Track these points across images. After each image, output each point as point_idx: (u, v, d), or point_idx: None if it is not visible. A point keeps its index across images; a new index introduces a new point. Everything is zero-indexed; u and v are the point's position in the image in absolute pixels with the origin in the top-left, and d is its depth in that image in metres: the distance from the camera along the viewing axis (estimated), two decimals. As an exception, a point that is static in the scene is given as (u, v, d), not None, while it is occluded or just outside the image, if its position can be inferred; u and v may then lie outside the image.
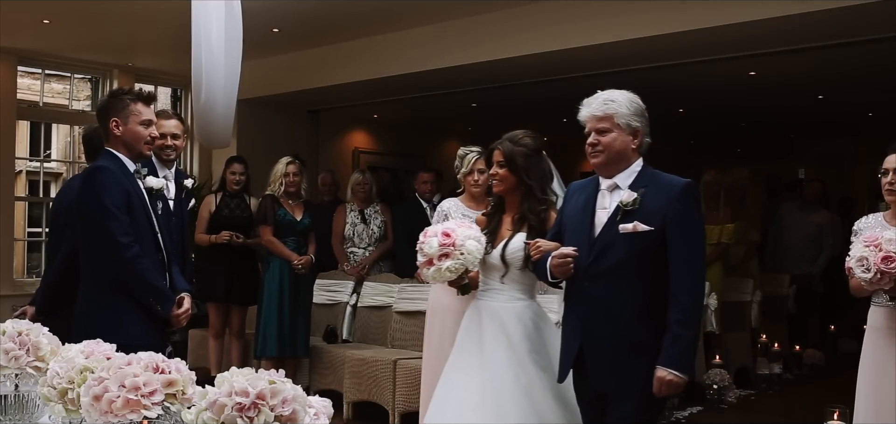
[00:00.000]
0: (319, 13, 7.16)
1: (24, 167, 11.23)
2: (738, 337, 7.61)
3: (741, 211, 7.94)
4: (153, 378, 1.78)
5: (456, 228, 3.57)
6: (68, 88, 10.08)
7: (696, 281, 3.10)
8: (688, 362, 3.07)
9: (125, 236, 3.58)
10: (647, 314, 3.11)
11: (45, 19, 7.40)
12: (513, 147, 3.68)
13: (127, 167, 3.70)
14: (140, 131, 3.70)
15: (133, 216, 3.63)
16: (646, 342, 3.09)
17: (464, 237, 3.51)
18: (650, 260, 3.09)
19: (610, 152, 3.19)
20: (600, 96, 3.24)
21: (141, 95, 3.76)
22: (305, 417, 1.68)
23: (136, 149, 3.72)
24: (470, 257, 3.50)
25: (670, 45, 6.57)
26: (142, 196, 3.71)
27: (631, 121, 3.18)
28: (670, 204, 3.09)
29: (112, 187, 3.61)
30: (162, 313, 3.64)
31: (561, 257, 3.19)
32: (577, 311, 3.26)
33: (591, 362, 3.22)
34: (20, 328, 2.19)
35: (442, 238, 3.52)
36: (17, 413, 2.13)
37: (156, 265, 3.70)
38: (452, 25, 7.32)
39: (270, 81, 8.68)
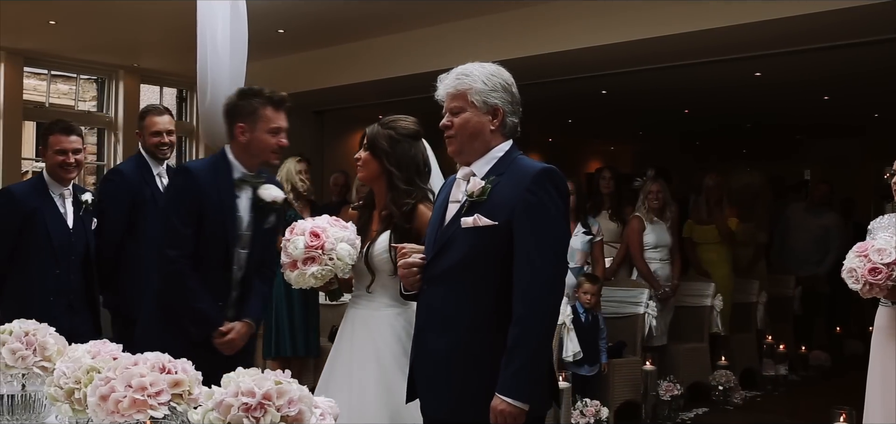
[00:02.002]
0: (325, 14, 7.17)
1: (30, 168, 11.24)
2: (743, 338, 7.61)
3: (751, 213, 7.94)
4: (159, 378, 1.79)
5: (328, 227, 3.07)
6: (74, 88, 10.10)
7: (541, 288, 2.50)
8: (522, 387, 2.46)
9: (174, 248, 3.39)
10: (490, 326, 2.55)
11: (51, 20, 7.42)
12: (378, 129, 3.18)
13: (231, 174, 3.46)
14: (267, 140, 3.45)
15: (203, 229, 3.40)
16: (485, 359, 2.53)
17: (335, 240, 3.05)
18: (497, 261, 2.54)
19: (462, 136, 2.66)
20: (454, 71, 2.70)
21: (272, 99, 3.46)
22: (311, 417, 1.68)
23: (259, 158, 3.49)
24: (340, 264, 3.05)
25: (675, 45, 6.56)
26: (226, 208, 3.43)
27: (488, 97, 2.64)
28: (520, 193, 2.54)
29: (183, 194, 3.43)
30: (194, 335, 3.36)
31: (406, 265, 2.72)
32: (416, 323, 2.78)
33: (422, 381, 2.71)
34: (27, 328, 2.20)
35: (309, 239, 3.04)
36: (23, 412, 2.13)
37: (217, 283, 3.44)
38: (457, 26, 7.33)
39: (275, 81, 8.62)
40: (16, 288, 4.19)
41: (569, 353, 5.44)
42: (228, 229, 3.44)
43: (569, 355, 5.44)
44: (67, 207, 4.29)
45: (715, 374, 6.86)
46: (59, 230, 4.20)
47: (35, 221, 4.18)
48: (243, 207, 3.51)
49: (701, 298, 7.08)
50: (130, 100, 9.45)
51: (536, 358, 2.51)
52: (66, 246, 4.23)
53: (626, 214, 7.20)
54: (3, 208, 4.26)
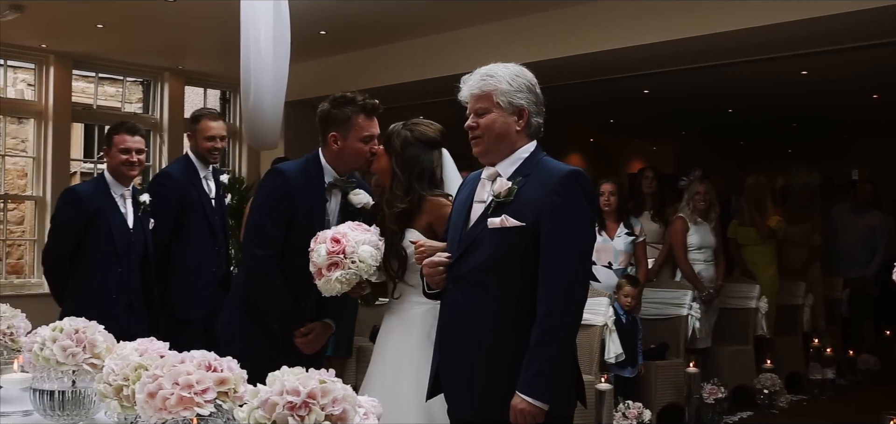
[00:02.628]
0: (366, 15, 7.20)
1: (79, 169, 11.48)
2: (789, 341, 7.49)
3: (806, 215, 7.83)
4: (206, 375, 1.81)
5: (349, 232, 3.08)
6: (121, 90, 10.28)
7: (563, 289, 2.51)
8: (542, 386, 2.48)
9: (263, 248, 3.41)
10: (515, 327, 2.57)
11: (98, 24, 7.56)
12: (398, 128, 3.22)
13: (322, 178, 3.48)
14: (360, 149, 3.43)
15: (292, 230, 3.41)
16: (510, 360, 2.55)
17: (356, 244, 3.05)
18: (522, 262, 2.56)
19: (489, 136, 2.66)
20: (478, 72, 2.70)
21: (365, 106, 3.44)
22: (355, 416, 1.69)
23: (351, 165, 3.51)
24: (363, 266, 3.04)
25: (719, 44, 6.48)
26: (315, 212, 3.45)
27: (513, 98, 2.64)
28: (547, 195, 2.55)
29: (276, 196, 3.45)
30: (277, 332, 3.42)
31: (432, 264, 2.73)
32: (439, 320, 2.81)
33: (448, 381, 2.73)
34: (77, 325, 2.24)
35: (331, 245, 3.05)
36: (73, 408, 2.17)
37: (302, 283, 3.40)
38: (497, 27, 7.32)
39: (317, 82, 8.74)
40: (79, 287, 4.28)
41: (611, 354, 5.40)
42: (316, 231, 3.41)
43: (610, 356, 5.40)
44: (128, 207, 4.37)
45: (760, 377, 6.76)
46: (121, 230, 4.28)
47: (98, 220, 4.26)
48: (332, 211, 3.53)
49: (746, 300, 6.99)
50: (175, 102, 9.59)
51: (558, 358, 2.53)
52: (127, 246, 4.30)
53: (668, 214, 7.13)
54: (69, 208, 4.35)
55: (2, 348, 2.65)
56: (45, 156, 8.79)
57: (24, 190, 9.72)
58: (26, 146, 9.69)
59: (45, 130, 8.79)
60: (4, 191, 9.47)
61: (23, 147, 10.11)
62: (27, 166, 9.38)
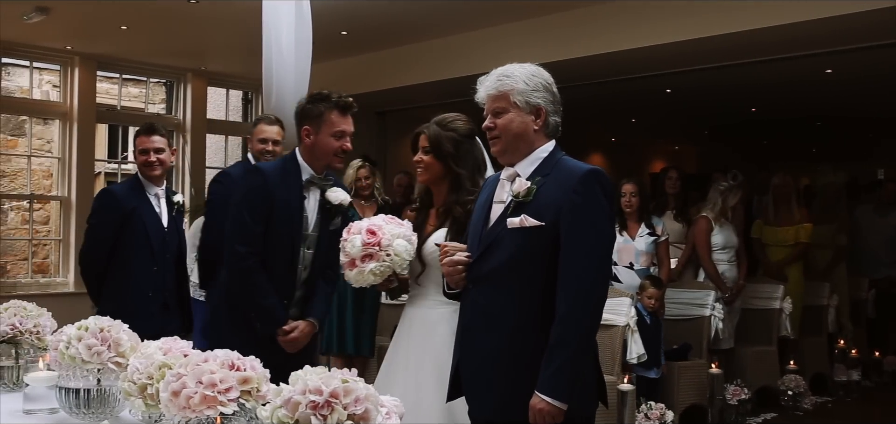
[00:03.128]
0: (388, 15, 7.22)
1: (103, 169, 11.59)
2: (814, 342, 7.42)
3: (832, 215, 7.76)
4: (229, 375, 1.82)
5: (384, 225, 3.10)
6: (144, 91, 10.37)
7: (582, 288, 2.50)
8: (560, 386, 2.47)
9: (244, 244, 3.47)
10: (535, 327, 2.56)
11: (122, 25, 7.63)
12: (440, 131, 3.18)
13: (299, 175, 3.55)
14: (331, 143, 3.53)
15: (270, 227, 3.49)
16: (530, 360, 2.54)
17: (391, 236, 3.06)
18: (542, 262, 2.55)
19: (507, 136, 2.66)
20: (495, 72, 2.71)
21: (338, 104, 3.53)
22: (378, 416, 1.69)
23: (323, 161, 3.56)
24: (397, 259, 3.05)
25: (742, 42, 6.43)
26: (294, 209, 3.53)
27: (530, 97, 2.64)
28: (566, 194, 2.54)
29: (254, 192, 3.52)
30: (259, 330, 3.46)
31: (451, 263, 2.73)
32: (459, 321, 2.80)
33: (468, 382, 2.72)
34: (102, 324, 2.25)
35: (366, 236, 3.06)
36: (99, 406, 2.18)
37: (281, 281, 3.52)
38: (518, 27, 7.31)
39: (339, 82, 8.72)
40: (115, 287, 4.31)
41: (633, 355, 5.37)
42: (295, 228, 3.52)
43: (633, 357, 5.37)
44: (162, 207, 4.41)
45: (784, 378, 6.70)
46: (156, 229, 4.32)
47: (134, 220, 4.30)
48: (311, 208, 3.59)
49: (769, 300, 6.92)
50: (198, 102, 9.66)
51: (577, 358, 2.51)
52: (162, 245, 4.34)
53: (691, 214, 7.09)
54: (105, 208, 4.41)
55: (28, 346, 2.67)
56: (70, 156, 8.88)
57: (49, 190, 9.82)
58: (52, 147, 9.79)
59: (70, 130, 8.89)
60: (30, 191, 9.58)
61: (48, 148, 10.22)
62: (52, 167, 9.47)
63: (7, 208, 10.68)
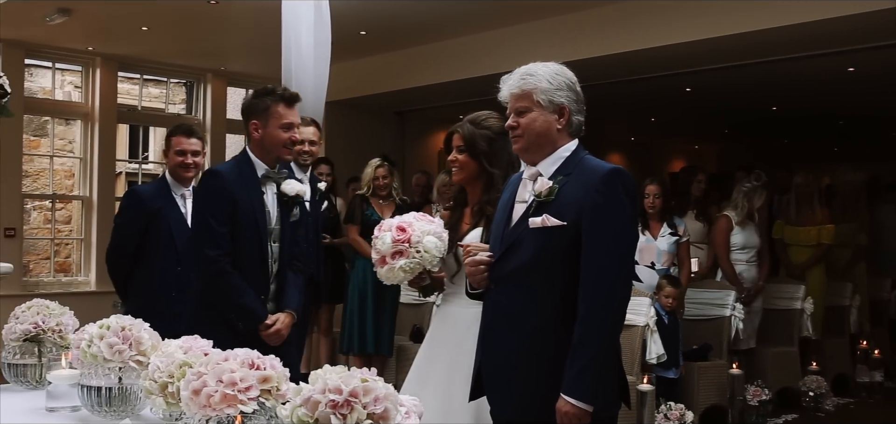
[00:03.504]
0: (406, 15, 7.23)
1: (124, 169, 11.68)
2: (836, 343, 7.35)
3: (852, 214, 7.68)
4: (249, 374, 1.82)
5: (414, 222, 3.09)
6: (164, 92, 10.44)
7: (604, 288, 2.48)
8: (585, 387, 2.45)
9: (214, 248, 3.50)
10: (557, 327, 2.55)
11: (143, 26, 7.68)
12: (474, 130, 3.17)
13: (255, 172, 3.60)
14: (279, 135, 3.56)
15: (236, 226, 3.52)
16: (552, 360, 2.53)
17: (421, 233, 3.05)
18: (564, 262, 2.54)
19: (529, 135, 2.65)
20: (518, 71, 2.70)
21: (284, 96, 3.59)
22: (397, 415, 1.69)
23: (273, 154, 3.60)
24: (427, 256, 3.04)
25: (763, 41, 6.39)
26: (255, 205, 3.56)
27: (553, 96, 2.62)
28: (588, 194, 2.53)
29: (215, 194, 3.55)
30: (242, 329, 3.47)
31: (473, 263, 2.72)
32: (482, 322, 2.78)
33: (490, 382, 2.71)
34: (123, 323, 2.27)
35: (396, 233, 3.05)
36: (120, 404, 2.20)
37: (255, 278, 3.56)
38: (537, 26, 7.29)
39: (358, 83, 8.80)
40: (140, 285, 4.37)
41: (652, 355, 5.35)
42: (260, 224, 3.57)
43: (652, 357, 5.35)
44: (187, 207, 4.44)
45: (805, 379, 6.64)
46: (181, 230, 4.34)
47: (159, 220, 4.34)
48: (270, 202, 3.64)
49: (791, 301, 6.87)
50: (217, 103, 9.72)
51: (601, 359, 2.50)
52: (186, 246, 4.38)
53: (712, 213, 7.04)
54: (131, 208, 4.47)
55: (51, 344, 2.70)
56: (92, 156, 8.96)
57: (71, 190, 9.91)
58: (73, 147, 9.88)
59: (92, 131, 8.97)
60: (53, 191, 9.67)
61: (70, 148, 10.31)
62: (74, 167, 9.56)
63: (30, 208, 10.79)
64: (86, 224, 9.04)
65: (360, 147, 8.21)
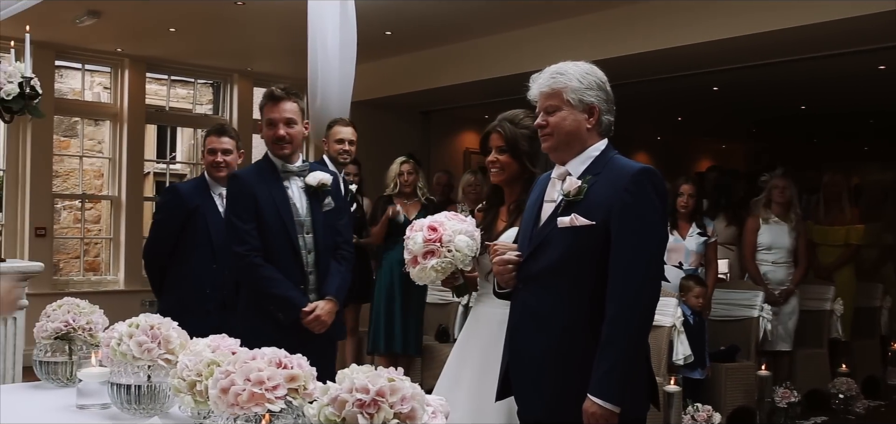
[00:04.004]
0: (431, 15, 7.23)
1: (152, 169, 11.78)
2: (866, 345, 7.25)
3: (879, 213, 7.58)
4: (276, 372, 1.83)
5: (445, 221, 3.05)
6: (192, 92, 10.52)
7: (632, 288, 2.47)
8: (613, 388, 2.44)
9: (241, 244, 3.62)
10: (586, 327, 2.53)
11: (171, 28, 7.75)
12: (515, 130, 3.12)
13: (275, 169, 3.72)
14: (266, 133, 3.73)
15: (261, 222, 3.64)
16: (580, 360, 2.52)
17: (453, 233, 3.01)
18: (592, 262, 2.52)
19: (559, 134, 2.63)
20: (548, 70, 2.67)
21: (268, 94, 3.73)
22: (424, 415, 1.69)
23: (273, 150, 3.73)
24: (459, 255, 3.00)
25: (791, 39, 6.32)
26: (277, 199, 3.67)
27: (584, 96, 2.61)
28: (617, 193, 2.51)
29: (236, 195, 3.69)
30: (283, 320, 3.59)
31: (502, 262, 2.71)
32: (509, 321, 2.78)
33: (517, 382, 2.71)
34: (152, 321, 2.29)
35: (428, 233, 3.03)
36: (149, 402, 2.22)
37: (290, 269, 3.65)
38: (561, 25, 7.27)
39: (383, 82, 8.82)
40: (176, 281, 4.43)
41: (679, 356, 5.31)
42: (284, 217, 3.66)
43: (679, 357, 5.32)
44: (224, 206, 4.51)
45: (835, 381, 6.57)
46: (218, 228, 4.37)
47: (197, 218, 4.41)
48: (296, 196, 3.73)
49: (820, 302, 6.79)
50: (244, 103, 9.78)
51: (629, 359, 2.48)
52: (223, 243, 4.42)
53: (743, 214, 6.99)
54: (170, 205, 4.55)
55: (81, 342, 2.72)
56: (121, 157, 9.06)
57: (100, 190, 10.01)
58: (102, 147, 9.98)
59: (121, 131, 9.06)
60: (82, 191, 9.78)
61: (99, 148, 10.42)
62: (103, 167, 9.66)
63: (60, 208, 10.91)
64: (114, 224, 9.14)
65: (385, 147, 8.22)
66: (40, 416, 2.37)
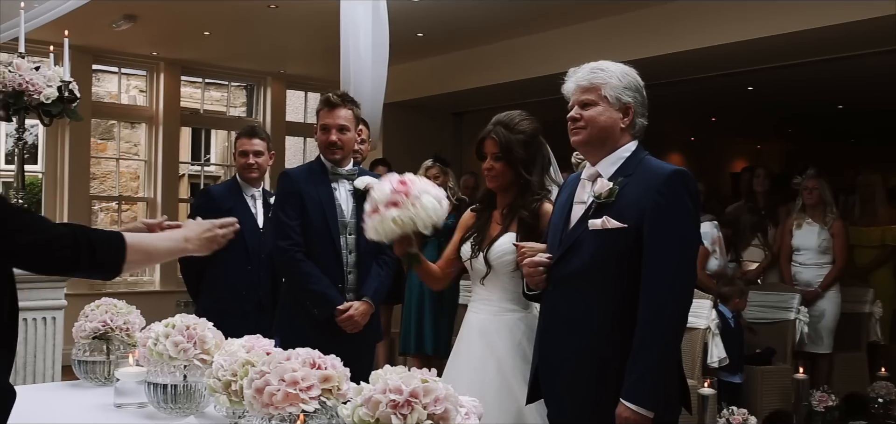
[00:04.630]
0: (464, 16, 7.23)
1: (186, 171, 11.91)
2: (906, 348, 7.12)
3: None
4: (310, 373, 1.84)
5: (416, 179, 2.95)
6: (226, 95, 10.62)
7: (667, 292, 2.43)
8: (646, 393, 2.41)
9: (284, 239, 3.73)
10: (616, 330, 2.50)
11: (205, 31, 7.83)
12: (509, 135, 3.08)
13: (325, 171, 3.81)
14: (319, 137, 3.83)
15: (306, 220, 3.73)
16: (612, 364, 2.50)
17: (421, 191, 2.91)
18: (624, 264, 2.50)
19: (593, 129, 2.60)
20: (588, 65, 2.66)
21: (324, 100, 3.84)
22: (457, 416, 1.69)
23: (325, 153, 3.82)
24: (422, 213, 2.87)
25: (828, 37, 6.23)
26: (323, 200, 3.76)
27: (621, 95, 2.59)
28: (650, 196, 2.48)
29: (284, 192, 3.80)
30: (318, 315, 3.66)
31: (532, 264, 2.67)
32: (539, 323, 2.76)
33: (547, 386, 2.69)
34: (188, 322, 2.31)
35: (397, 184, 2.92)
36: (185, 401, 2.25)
37: (330, 268, 3.73)
38: (595, 25, 7.23)
39: (415, 84, 8.83)
40: (211, 284, 4.48)
41: (714, 359, 5.25)
42: (328, 216, 3.75)
43: (714, 360, 5.26)
44: (258, 208, 4.57)
45: (874, 385, 6.43)
46: (251, 230, 4.44)
47: None
48: (343, 198, 3.81)
49: (858, 304, 6.67)
50: (277, 105, 9.86)
51: (662, 363, 2.45)
52: (257, 245, 4.49)
53: (780, 214, 6.90)
54: (204, 207, 4.60)
55: (118, 342, 2.76)
56: (156, 159, 9.17)
57: (136, 192, 10.15)
58: (138, 150, 10.11)
59: (156, 134, 9.18)
60: (119, 193, 9.91)
61: (135, 151, 10.57)
62: (139, 169, 9.79)
63: (97, 209, 11.08)
64: (150, 225, 9.24)
65: (417, 148, 8.22)
66: (79, 414, 2.41)
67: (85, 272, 2.03)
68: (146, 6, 7.05)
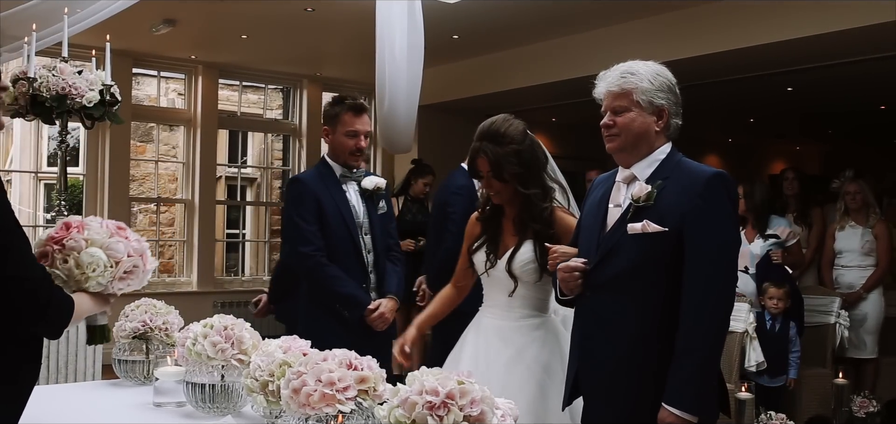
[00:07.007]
0: (499, 18, 7.22)
1: (224, 173, 12.03)
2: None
3: None
4: (347, 374, 1.85)
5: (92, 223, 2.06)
6: (262, 98, 10.71)
7: (712, 296, 2.41)
8: (689, 397, 2.39)
9: (306, 245, 3.71)
10: (656, 335, 2.48)
11: (243, 34, 7.91)
12: (498, 151, 3.06)
13: (333, 174, 3.84)
14: (345, 142, 3.81)
15: (325, 224, 3.73)
16: (652, 369, 2.47)
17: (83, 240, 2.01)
18: (664, 268, 2.46)
19: (627, 135, 2.56)
20: (618, 69, 2.61)
21: (352, 105, 3.82)
22: (493, 418, 1.69)
23: (341, 158, 3.84)
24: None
25: (869, 37, 6.12)
26: (339, 202, 3.78)
27: (654, 98, 2.54)
28: (690, 199, 2.45)
29: (300, 198, 3.77)
30: (350, 318, 3.67)
31: (568, 269, 2.63)
32: (577, 328, 2.72)
33: (587, 390, 2.67)
34: (226, 322, 2.34)
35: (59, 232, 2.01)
36: (223, 401, 2.27)
37: (354, 269, 3.75)
38: (629, 27, 7.18)
39: (450, 86, 8.84)
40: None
41: (751, 362, 5.19)
42: (346, 218, 3.78)
43: (751, 364, 5.20)
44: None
45: (912, 393, 6.33)
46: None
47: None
48: (353, 199, 3.85)
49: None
50: (313, 107, 9.92)
51: (705, 368, 2.43)
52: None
53: (813, 216, 6.80)
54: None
55: (158, 342, 2.80)
56: (194, 161, 9.27)
57: (174, 193, 10.28)
58: (177, 152, 10.24)
59: (194, 136, 9.28)
60: (157, 195, 10.05)
61: (173, 153, 10.69)
62: (177, 171, 9.91)
63: (136, 211, 11.24)
64: (187, 227, 9.36)
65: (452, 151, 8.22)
66: (118, 413, 2.44)
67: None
68: (185, 10, 7.14)
